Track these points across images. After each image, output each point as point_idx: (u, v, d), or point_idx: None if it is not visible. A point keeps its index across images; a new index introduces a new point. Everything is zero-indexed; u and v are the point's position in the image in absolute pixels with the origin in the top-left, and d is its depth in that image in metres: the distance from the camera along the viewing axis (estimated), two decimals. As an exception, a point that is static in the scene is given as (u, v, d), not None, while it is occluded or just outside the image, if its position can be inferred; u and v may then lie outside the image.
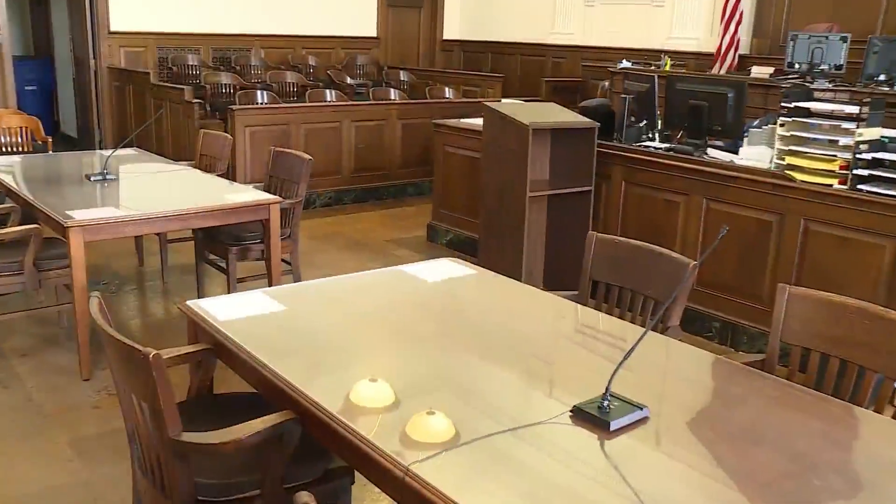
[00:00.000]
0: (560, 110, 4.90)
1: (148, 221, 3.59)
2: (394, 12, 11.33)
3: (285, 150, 4.49)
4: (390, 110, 7.61)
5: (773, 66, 7.52)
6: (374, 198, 7.55)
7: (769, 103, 6.56)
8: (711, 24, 8.80)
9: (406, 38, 11.66)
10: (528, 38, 10.80)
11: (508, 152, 4.48)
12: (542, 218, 4.92)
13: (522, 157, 4.38)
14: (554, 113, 4.82)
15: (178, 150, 7.42)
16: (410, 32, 11.70)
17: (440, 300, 2.57)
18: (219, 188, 4.23)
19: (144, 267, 5.32)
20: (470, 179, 5.68)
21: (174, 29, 9.40)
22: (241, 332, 2.16)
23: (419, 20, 11.74)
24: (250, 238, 4.19)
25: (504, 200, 4.55)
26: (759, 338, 4.13)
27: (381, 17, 11.11)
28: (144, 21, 9.19)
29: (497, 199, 4.60)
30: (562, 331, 2.42)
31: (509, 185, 4.50)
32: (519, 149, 4.40)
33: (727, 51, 8.32)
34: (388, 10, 11.19)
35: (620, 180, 4.75)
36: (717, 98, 4.62)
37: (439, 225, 6.12)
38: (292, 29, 10.26)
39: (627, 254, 2.65)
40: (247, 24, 9.90)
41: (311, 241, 6.00)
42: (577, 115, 4.89)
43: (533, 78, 10.33)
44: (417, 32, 11.78)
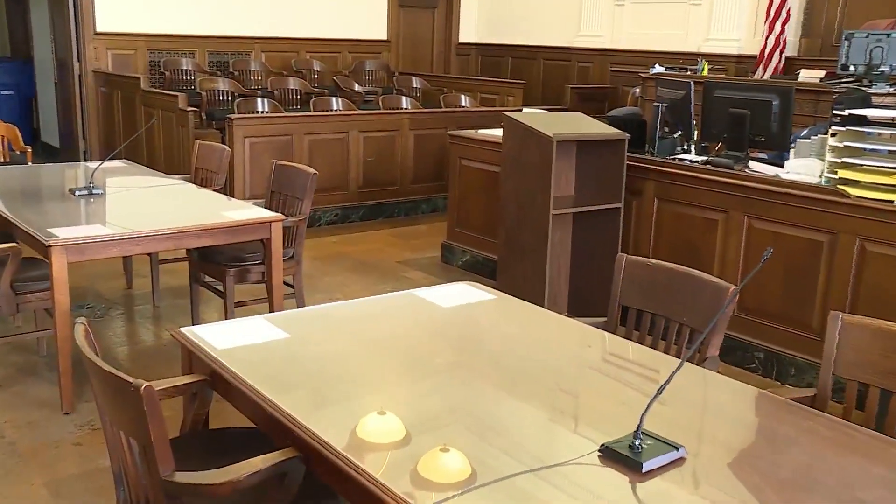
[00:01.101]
0: (586, 120, 4.91)
1: (138, 241, 3.61)
2: (406, 13, 11.42)
3: (288, 164, 4.52)
4: (402, 120, 7.66)
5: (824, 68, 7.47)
6: (383, 215, 7.58)
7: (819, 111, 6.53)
8: (754, 24, 8.78)
9: (419, 42, 11.74)
10: (552, 40, 10.85)
11: (530, 166, 4.50)
12: (566, 238, 4.93)
13: (545, 172, 4.40)
14: (580, 123, 4.84)
15: (170, 162, 7.49)
16: (423, 35, 11.79)
17: (456, 327, 2.58)
18: (216, 204, 4.26)
19: (133, 289, 5.36)
20: (488, 195, 5.70)
21: (167, 30, 9.47)
22: (239, 362, 2.17)
23: (433, 22, 11.83)
24: (250, 259, 4.22)
25: (525, 218, 4.56)
26: (808, 370, 4.11)
27: (391, 18, 11.20)
28: (134, 21, 9.25)
29: (518, 217, 4.62)
30: (589, 361, 2.42)
31: (531, 202, 4.51)
32: (542, 162, 4.42)
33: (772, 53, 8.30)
34: (399, 10, 11.29)
35: (653, 197, 4.75)
36: (760, 106, 4.62)
37: (455, 245, 6.14)
38: (295, 31, 10.35)
39: (661, 277, 2.65)
40: (246, 25, 9.98)
41: (316, 263, 6.04)
42: (605, 125, 4.91)
43: (557, 85, 10.38)
44: (431, 35, 11.86)
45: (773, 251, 1.93)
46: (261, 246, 4.10)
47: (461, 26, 11.99)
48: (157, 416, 1.76)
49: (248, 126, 6.78)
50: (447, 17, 11.90)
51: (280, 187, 4.47)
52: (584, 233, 4.88)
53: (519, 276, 4.63)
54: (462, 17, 11.96)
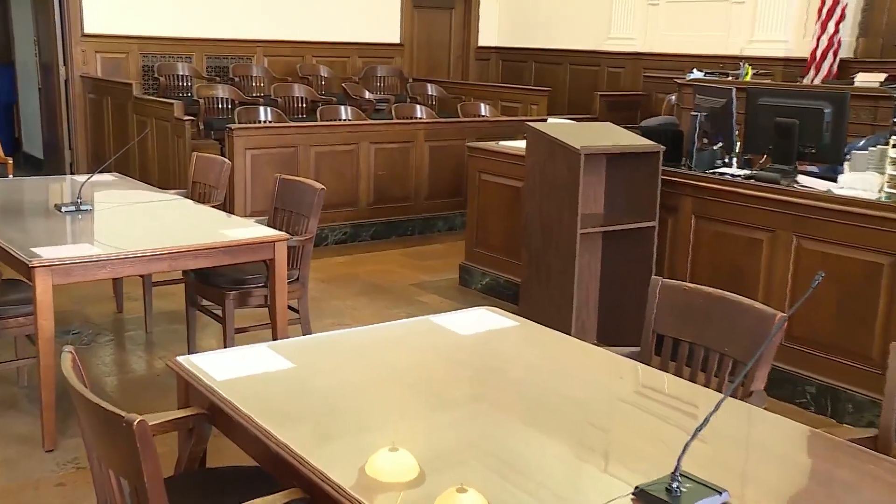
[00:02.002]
0: (617, 131, 4.92)
1: (129, 261, 3.63)
2: (421, 15, 11.49)
3: (293, 178, 4.55)
4: (416, 131, 7.70)
5: (885, 71, 7.38)
6: (396, 234, 7.61)
7: (879, 118, 6.48)
8: (805, 23, 8.69)
9: (435, 45, 11.81)
10: (580, 44, 10.88)
11: (556, 181, 4.51)
12: (595, 259, 4.93)
13: (573, 187, 4.41)
14: (610, 134, 4.85)
15: (165, 176, 7.54)
16: (440, 38, 11.85)
17: (475, 357, 2.58)
18: (214, 222, 4.29)
19: (124, 314, 5.39)
20: (510, 213, 5.71)
21: (161, 32, 9.54)
22: (240, 394, 2.18)
23: (450, 24, 11.90)
24: (251, 281, 4.24)
25: (551, 238, 4.57)
26: (868, 407, 4.07)
27: (405, 20, 11.28)
28: (125, 22, 9.32)
29: (542, 236, 4.62)
30: (620, 394, 2.41)
31: (557, 220, 4.52)
32: (568, 177, 4.43)
33: (824, 55, 8.22)
34: (413, 12, 11.36)
35: (690, 214, 4.74)
36: (810, 114, 4.60)
37: (474, 267, 6.15)
38: (301, 34, 10.43)
39: (699, 303, 2.65)
40: (247, 27, 10.06)
41: (323, 285, 6.06)
42: (638, 136, 4.91)
43: (585, 92, 10.39)
44: (448, 38, 11.93)
45: (825, 275, 1.92)
46: (263, 267, 4.12)
47: (481, 29, 12.05)
48: (150, 453, 1.76)
49: (250, 137, 6.83)
50: (465, 19, 11.97)
51: (284, 203, 4.49)
52: (614, 254, 4.88)
53: (544, 300, 4.63)
54: (482, 18, 12.02)
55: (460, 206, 7.51)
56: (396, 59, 11.28)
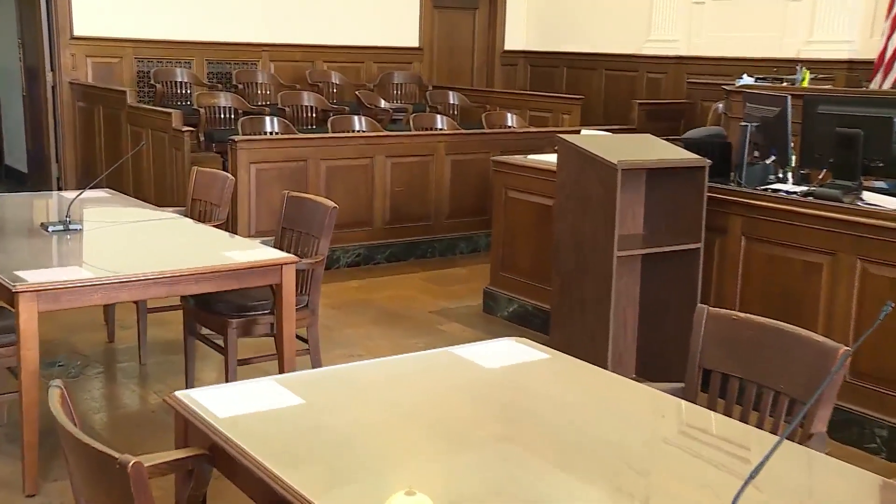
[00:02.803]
0: (658, 143, 4.92)
1: (123, 286, 3.64)
2: (441, 16, 11.55)
3: (302, 195, 4.58)
4: (436, 143, 7.73)
5: None
6: (415, 256, 7.63)
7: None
8: (872, 21, 8.58)
9: (457, 49, 11.86)
10: (616, 47, 10.90)
11: (590, 199, 4.51)
12: (634, 285, 4.91)
13: (609, 206, 4.40)
14: (650, 147, 4.85)
15: (162, 192, 7.60)
16: (462, 42, 11.91)
17: (501, 392, 2.58)
18: (216, 243, 4.32)
19: (116, 343, 5.42)
20: (540, 233, 5.71)
21: (158, 34, 9.62)
22: (244, 433, 2.19)
23: (474, 26, 11.95)
24: (256, 308, 4.25)
25: (585, 261, 4.56)
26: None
27: (424, 22, 11.33)
28: (119, 24, 9.40)
29: (576, 259, 4.62)
30: (663, 435, 2.40)
31: (591, 242, 4.51)
32: (604, 195, 4.43)
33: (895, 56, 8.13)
34: (433, 13, 11.42)
35: (740, 235, 4.73)
36: (877, 123, 4.57)
37: (499, 292, 6.14)
38: (311, 37, 10.50)
39: (751, 334, 2.64)
40: (252, 29, 10.13)
41: (335, 312, 6.07)
42: (681, 149, 4.91)
43: (622, 100, 10.40)
44: (471, 42, 11.98)
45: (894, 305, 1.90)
46: (269, 293, 4.14)
47: (507, 31, 12.10)
48: (146, 498, 1.77)
49: (255, 150, 6.88)
50: (490, 21, 12.02)
51: (293, 223, 4.52)
52: (655, 279, 4.87)
53: (577, 330, 4.62)
54: (508, 19, 12.06)
55: (485, 226, 7.51)
56: (415, 64, 11.33)
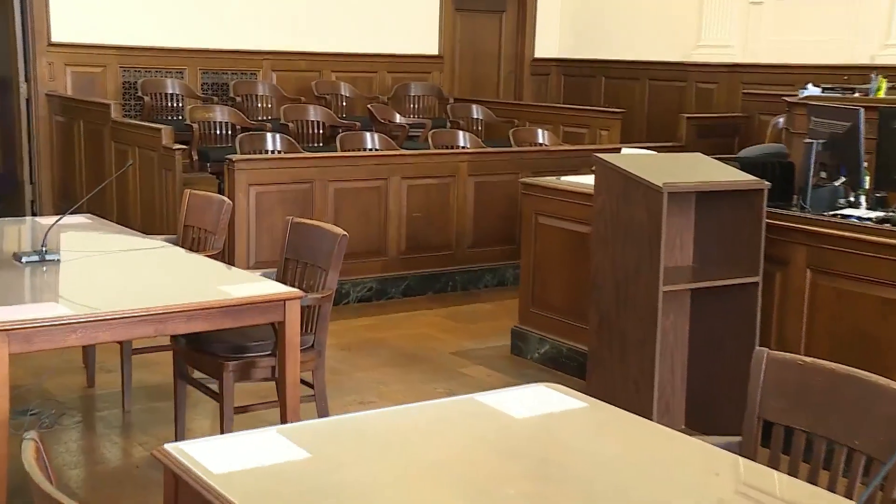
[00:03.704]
0: (709, 163, 4.92)
1: (106, 325, 3.63)
2: (464, 20, 11.60)
3: (307, 222, 4.60)
4: (458, 163, 7.75)
5: None
6: (433, 290, 7.63)
7: None
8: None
9: (481, 57, 11.91)
10: (661, 54, 10.92)
11: (632, 226, 4.50)
12: (683, 324, 4.90)
13: (653, 234, 4.40)
14: (700, 167, 4.84)
15: (150, 218, 7.64)
16: (488, 49, 11.96)
17: (532, 446, 2.57)
18: (211, 276, 4.34)
19: (96, 388, 5.42)
20: (575, 265, 5.70)
21: (146, 41, 9.68)
22: (243, 492, 2.19)
23: (500, 31, 12.00)
24: (256, 349, 4.25)
25: (626, 297, 4.56)
26: None
27: (445, 27, 11.38)
28: (102, 29, 9.45)
29: (616, 294, 4.61)
30: (716, 495, 2.39)
31: (634, 275, 4.50)
32: (648, 221, 4.43)
33: None
34: (455, 17, 11.48)
35: (805, 267, 4.70)
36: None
37: (529, 331, 6.13)
38: (317, 44, 10.56)
39: (820, 382, 2.62)
40: (252, 36, 10.19)
41: (344, 354, 6.08)
42: (736, 169, 4.90)
43: (668, 114, 10.39)
44: (498, 49, 12.03)
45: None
46: (271, 332, 4.14)
47: (538, 37, 12.14)
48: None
49: (255, 170, 6.90)
50: (519, 25, 12.06)
51: (297, 253, 4.53)
52: (707, 317, 4.85)
53: (617, 375, 4.60)
54: (539, 24, 12.10)
55: (512, 256, 7.51)
56: (434, 74, 11.38)
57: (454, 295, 7.67)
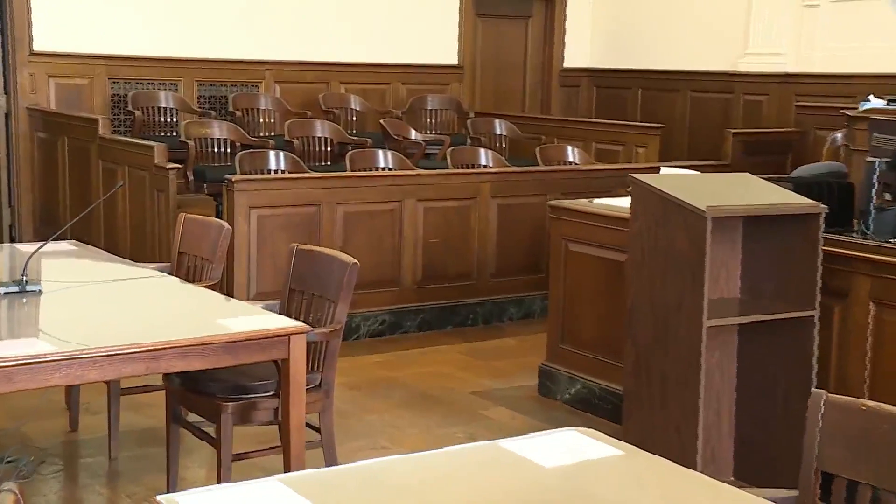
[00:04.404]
0: (758, 185, 4.91)
1: (92, 362, 3.63)
2: (486, 27, 11.64)
3: (314, 249, 4.61)
4: (480, 183, 7.76)
5: None
6: (452, 323, 7.63)
7: None
8: None
9: (505, 67, 11.94)
10: (704, 63, 10.91)
11: (673, 254, 4.49)
12: (730, 363, 4.87)
13: (697, 262, 4.39)
14: (748, 189, 4.83)
15: (141, 245, 7.65)
16: (512, 58, 11.99)
17: (561, 498, 2.56)
18: (208, 308, 4.35)
19: (79, 433, 5.41)
20: (609, 296, 5.69)
21: (137, 50, 9.75)
22: (241, 548, 2.19)
23: (526, 39, 12.03)
24: (256, 388, 4.25)
25: (666, 332, 4.54)
26: None
27: (465, 34, 11.42)
28: (89, 37, 9.51)
29: (655, 329, 4.60)
30: (771, 557, 2.37)
31: (675, 308, 4.49)
32: (690, 248, 4.41)
33: None
34: (476, 23, 11.52)
35: (867, 300, 4.68)
36: None
37: (558, 370, 6.11)
38: (325, 53, 10.61)
39: (886, 429, 2.60)
40: (253, 44, 10.25)
41: (354, 394, 6.08)
42: (788, 191, 4.89)
43: (712, 129, 10.39)
44: (523, 58, 12.06)
45: None
46: (273, 370, 4.14)
47: (567, 44, 12.17)
48: None
49: (256, 192, 6.92)
50: (547, 32, 12.10)
51: (303, 283, 4.53)
52: (757, 356, 4.82)
53: (657, 419, 4.58)
54: (569, 31, 12.13)
55: (539, 287, 7.51)
56: (453, 86, 11.41)
57: (475, 329, 7.66)
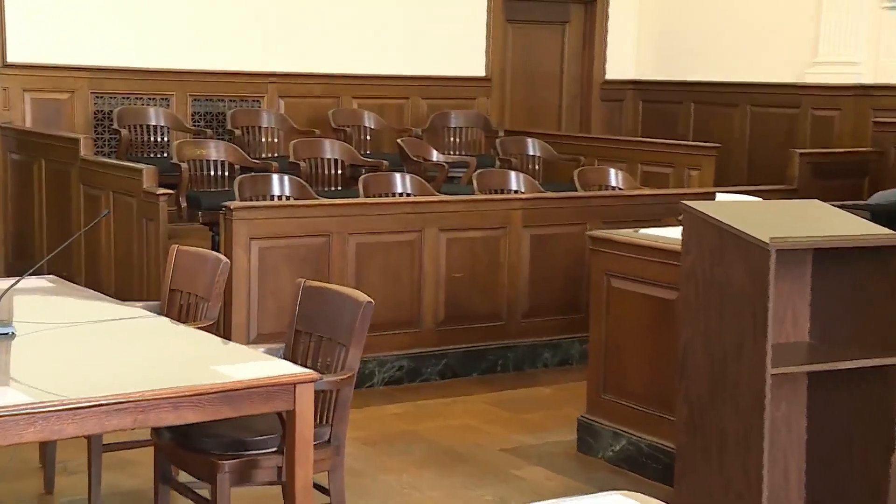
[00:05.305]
0: (829, 213, 4.90)
1: (71, 415, 3.62)
2: (518, 34, 11.67)
3: (323, 285, 4.62)
4: (510, 211, 7.76)
5: None
6: (479, 370, 7.62)
7: None
8: None
9: (539, 79, 11.97)
10: (767, 74, 10.91)
11: (731, 291, 4.48)
12: (799, 416, 4.85)
13: (759, 302, 4.37)
14: (817, 217, 4.83)
15: (127, 281, 7.66)
16: (547, 68, 12.02)
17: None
18: (203, 352, 4.35)
19: (55, 496, 5.40)
20: (658, 340, 5.68)
21: (123, 61, 9.79)
22: None
23: (562, 47, 12.06)
24: (257, 444, 4.26)
25: (724, 381, 4.52)
26: None
27: (494, 42, 11.45)
28: (69, 47, 9.56)
29: (710, 378, 4.58)
30: None
31: (734, 353, 4.47)
32: (751, 286, 4.40)
33: None
34: (507, 30, 11.55)
35: (959, 347, 4.67)
36: None
37: (600, 424, 6.09)
38: (335, 64, 10.65)
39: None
40: (254, 54, 10.30)
41: (367, 450, 6.07)
42: (864, 220, 4.87)
43: (775, 148, 10.37)
44: (559, 68, 12.09)
45: None
46: (277, 423, 4.14)
47: (609, 53, 12.20)
48: None
49: (258, 221, 6.93)
50: (586, 40, 12.12)
51: (310, 324, 4.54)
52: (830, 409, 4.80)
53: (714, 481, 4.56)
54: (611, 38, 12.15)
55: (578, 328, 7.49)
56: (480, 100, 11.44)
57: (505, 377, 7.65)
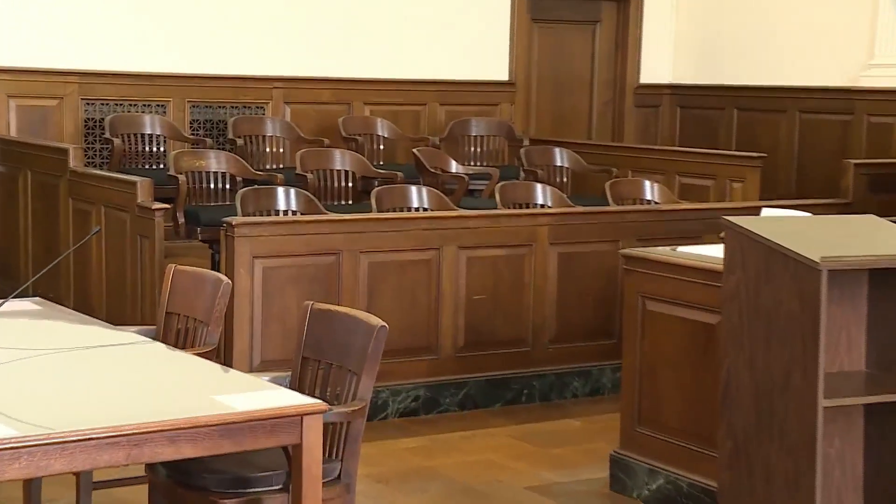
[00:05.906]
0: (887, 229, 4.89)
1: (59, 449, 3.62)
2: (544, 35, 11.69)
3: (332, 308, 4.62)
4: (536, 227, 7.77)
5: None
6: (502, 400, 7.62)
7: None
8: None
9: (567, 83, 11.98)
10: (817, 77, 10.90)
11: (778, 315, 4.48)
12: (854, 452, 4.84)
13: (809, 327, 4.37)
14: (874, 235, 4.82)
15: (120, 303, 7.68)
16: (576, 72, 12.04)
17: None
18: (202, 381, 4.35)
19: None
20: (698, 368, 5.67)
21: (116, 65, 9.84)
22: None
23: (593, 49, 12.07)
24: (261, 481, 4.26)
25: (772, 413, 4.52)
26: None
27: (518, 44, 11.47)
28: (58, 50, 9.63)
29: (757, 409, 4.58)
30: None
31: (782, 383, 4.47)
32: (800, 309, 4.39)
33: None
34: (532, 31, 11.58)
35: None
36: None
37: (635, 460, 6.08)
38: (345, 68, 10.70)
39: None
40: (258, 58, 10.35)
41: (380, 488, 6.08)
42: (925, 238, 4.88)
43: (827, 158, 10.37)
44: (590, 72, 12.11)
45: None
46: (282, 458, 4.14)
47: (644, 56, 12.20)
48: None
49: (262, 238, 6.95)
50: (619, 41, 12.14)
51: (319, 351, 4.54)
52: (888, 444, 4.79)
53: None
54: (646, 39, 12.16)
55: (610, 356, 7.50)
56: (503, 106, 11.45)
57: (530, 408, 7.65)
